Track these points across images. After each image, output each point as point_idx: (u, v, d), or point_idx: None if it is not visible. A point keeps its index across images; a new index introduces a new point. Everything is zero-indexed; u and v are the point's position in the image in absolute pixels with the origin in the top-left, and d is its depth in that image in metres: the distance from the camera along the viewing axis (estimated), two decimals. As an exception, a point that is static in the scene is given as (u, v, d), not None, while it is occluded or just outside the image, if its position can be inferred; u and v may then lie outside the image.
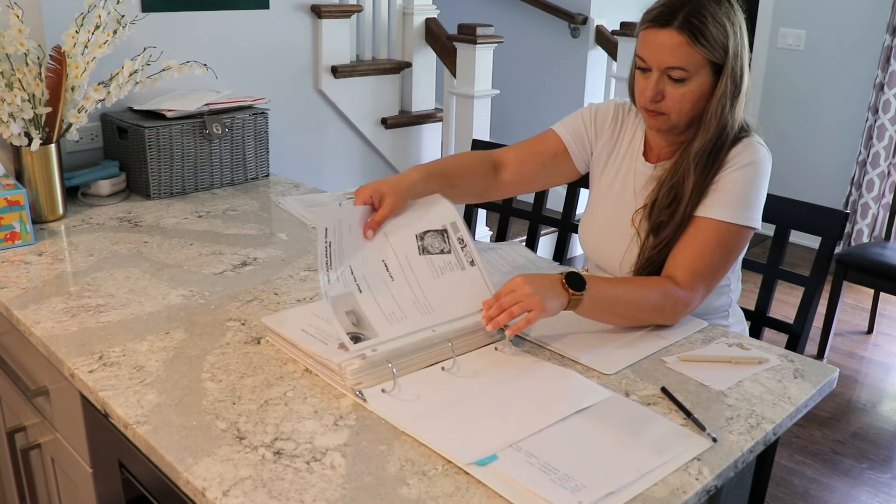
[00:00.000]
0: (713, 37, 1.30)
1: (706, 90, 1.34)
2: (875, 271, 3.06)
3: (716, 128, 1.35)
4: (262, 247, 1.71)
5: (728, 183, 1.35)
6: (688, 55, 1.30)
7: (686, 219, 1.37)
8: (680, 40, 1.29)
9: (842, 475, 2.48)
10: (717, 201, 1.35)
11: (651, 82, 1.34)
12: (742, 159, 1.36)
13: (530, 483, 0.92)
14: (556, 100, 4.45)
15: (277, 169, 2.38)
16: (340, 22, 2.80)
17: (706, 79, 1.33)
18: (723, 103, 1.33)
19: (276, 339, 1.26)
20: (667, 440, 1.02)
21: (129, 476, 1.15)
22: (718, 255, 1.35)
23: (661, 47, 1.31)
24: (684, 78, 1.32)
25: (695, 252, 1.34)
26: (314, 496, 0.90)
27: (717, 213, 1.35)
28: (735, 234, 1.35)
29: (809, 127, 4.39)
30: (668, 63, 1.31)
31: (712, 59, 1.31)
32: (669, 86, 1.33)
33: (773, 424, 1.08)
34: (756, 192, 1.37)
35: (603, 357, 1.24)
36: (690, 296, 1.33)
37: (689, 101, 1.34)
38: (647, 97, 1.35)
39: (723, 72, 1.32)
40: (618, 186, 1.51)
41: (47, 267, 1.56)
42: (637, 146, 1.50)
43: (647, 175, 1.46)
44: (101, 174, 2.01)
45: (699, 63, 1.31)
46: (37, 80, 1.73)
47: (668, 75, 1.32)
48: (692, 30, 1.29)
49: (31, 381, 1.44)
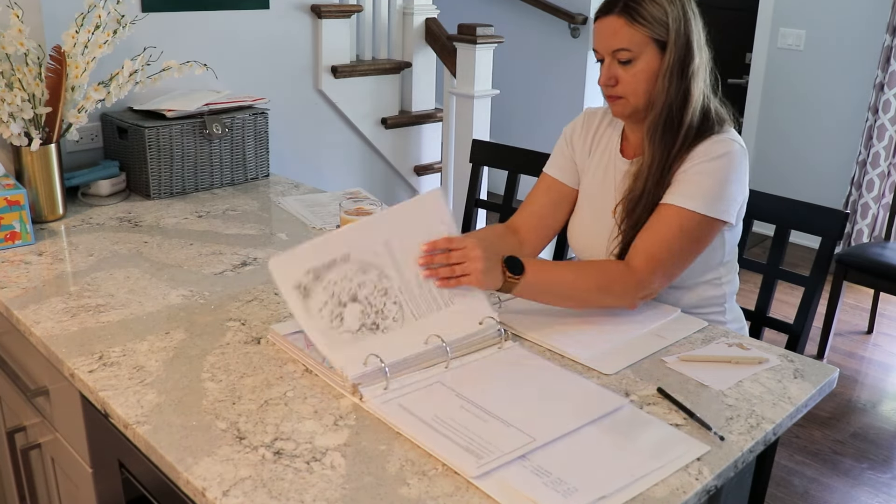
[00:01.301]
0: (651, 15, 1.37)
1: (654, 68, 1.39)
2: (875, 271, 3.06)
3: (664, 101, 1.39)
4: (262, 247, 1.71)
5: (696, 174, 1.38)
6: (629, 35, 1.38)
7: (647, 195, 1.41)
8: (620, 23, 1.38)
9: (842, 475, 2.48)
10: (683, 190, 1.38)
11: (605, 68, 1.42)
12: (713, 151, 1.39)
13: (522, 486, 0.91)
14: (556, 100, 4.45)
15: (277, 169, 2.38)
16: (340, 22, 2.80)
17: (653, 56, 1.39)
18: (667, 77, 1.39)
19: (276, 338, 1.26)
20: (664, 444, 1.01)
21: (129, 476, 1.15)
22: (678, 243, 1.37)
23: (605, 33, 1.40)
24: (630, 59, 1.39)
25: (654, 236, 1.38)
26: (314, 496, 0.90)
27: (681, 200, 1.38)
28: (699, 224, 1.37)
29: (809, 127, 4.39)
30: (613, 46, 1.39)
31: (655, 37, 1.38)
32: (620, 69, 1.40)
33: (773, 424, 1.08)
34: (726, 185, 1.39)
35: (603, 357, 1.24)
36: (644, 277, 1.35)
37: (642, 81, 1.40)
38: (602, 82, 1.43)
39: (666, 47, 1.38)
40: (599, 185, 1.55)
41: (47, 267, 1.56)
42: (614, 144, 1.54)
43: (625, 170, 1.50)
44: (101, 174, 2.01)
45: (641, 42, 1.38)
46: (37, 80, 1.73)
47: (617, 59, 1.40)
48: (629, 11, 1.38)
49: (31, 381, 1.44)
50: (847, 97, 4.24)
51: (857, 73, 4.19)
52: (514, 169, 2.03)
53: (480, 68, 3.14)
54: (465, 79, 3.16)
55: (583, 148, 1.59)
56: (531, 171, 1.99)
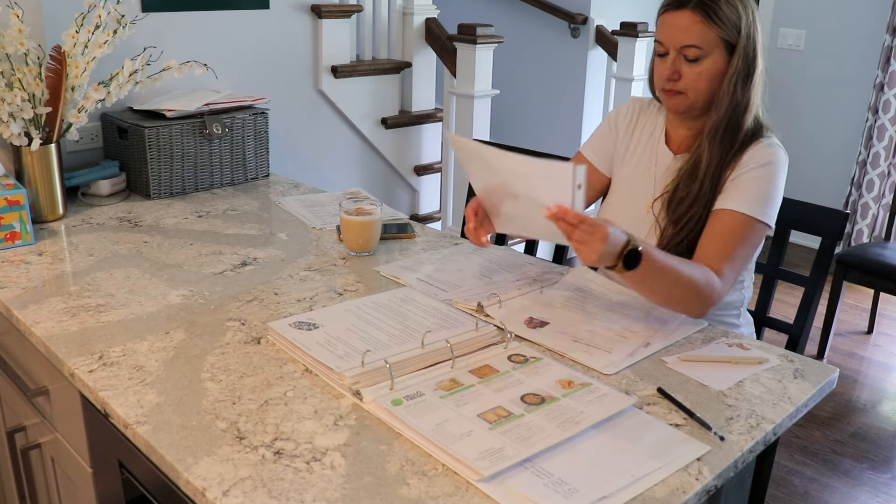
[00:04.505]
0: (726, 16, 1.37)
1: (720, 69, 1.39)
2: (875, 271, 3.06)
3: (728, 105, 1.40)
4: (262, 247, 1.71)
5: (747, 180, 1.39)
6: (702, 33, 1.37)
7: (703, 198, 1.40)
8: (695, 19, 1.37)
9: (842, 475, 2.48)
10: (738, 196, 1.39)
11: (668, 62, 1.41)
12: (762, 158, 1.40)
13: (523, 487, 0.91)
14: (556, 100, 4.44)
15: (277, 169, 2.38)
16: (340, 22, 2.80)
17: (720, 57, 1.39)
18: (734, 81, 1.39)
19: (277, 338, 1.26)
20: (664, 444, 1.01)
21: (129, 476, 1.15)
22: (741, 247, 1.38)
23: (677, 27, 1.39)
24: (699, 57, 1.38)
25: (722, 242, 1.37)
26: (314, 496, 0.90)
27: (739, 205, 1.38)
28: (754, 228, 1.39)
29: (809, 127, 4.39)
30: (684, 42, 1.38)
31: (726, 38, 1.38)
32: (685, 65, 1.40)
33: (773, 424, 1.08)
34: (774, 191, 1.40)
35: (603, 357, 1.24)
36: (724, 285, 1.36)
37: (706, 80, 1.39)
38: (664, 76, 1.42)
39: (735, 51, 1.38)
40: (638, 173, 1.55)
41: (47, 267, 1.56)
42: (658, 135, 1.54)
43: (668, 164, 1.49)
44: (101, 174, 2.01)
45: (713, 41, 1.37)
46: (37, 80, 1.73)
47: (683, 55, 1.39)
48: (706, 9, 1.37)
49: (31, 381, 1.44)
50: (847, 97, 4.24)
51: (857, 73, 4.19)
52: (514, 169, 2.03)
53: (480, 68, 3.14)
54: (465, 79, 3.16)
55: (626, 134, 1.59)
56: (531, 171, 1.99)
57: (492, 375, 1.16)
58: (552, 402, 1.09)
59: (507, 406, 1.07)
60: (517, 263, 1.63)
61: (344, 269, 1.59)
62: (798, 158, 4.39)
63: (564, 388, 1.13)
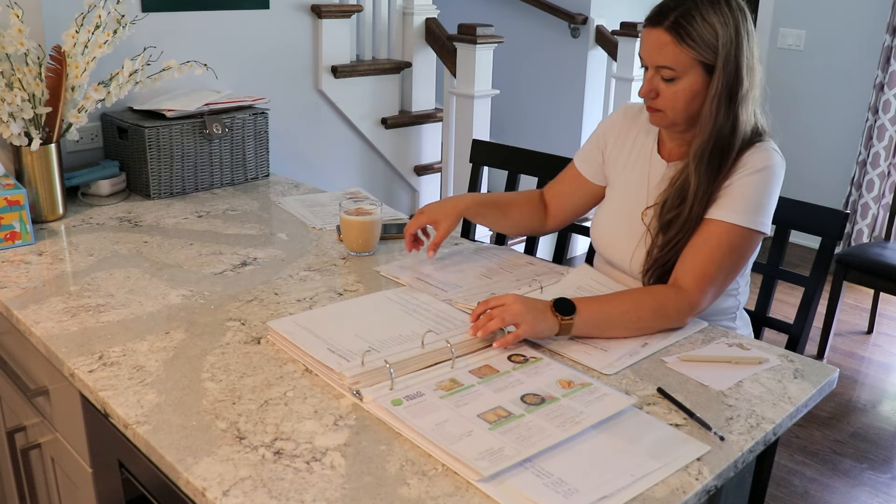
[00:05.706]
0: (700, 37, 1.31)
1: (698, 89, 1.35)
2: (875, 271, 3.06)
3: (712, 128, 1.35)
4: (262, 247, 1.71)
5: (740, 187, 1.36)
6: (674, 54, 1.33)
7: (692, 220, 1.38)
8: (666, 40, 1.33)
9: (842, 475, 2.48)
10: (729, 204, 1.36)
11: (646, 79, 1.39)
12: (755, 163, 1.37)
13: (523, 487, 0.91)
14: (556, 100, 4.45)
15: (277, 169, 2.38)
16: (340, 22, 2.80)
17: (698, 78, 1.34)
18: (715, 103, 1.34)
19: (277, 337, 1.26)
20: (664, 444, 1.01)
21: (129, 476, 1.15)
22: (728, 259, 1.35)
23: (652, 46, 1.35)
24: (673, 77, 1.35)
25: (704, 255, 1.35)
26: (314, 496, 0.90)
27: (727, 215, 1.35)
28: (745, 238, 1.36)
29: (809, 127, 4.39)
30: (657, 62, 1.35)
31: (702, 60, 1.33)
32: (662, 84, 1.37)
33: (773, 424, 1.08)
34: (768, 198, 1.37)
35: (603, 357, 1.24)
36: (697, 297, 1.33)
37: (682, 100, 1.36)
38: (642, 94, 1.40)
39: (713, 72, 1.34)
40: (632, 182, 1.53)
41: (47, 267, 1.56)
42: (651, 143, 1.52)
43: (662, 172, 1.48)
44: (101, 174, 2.01)
45: (687, 63, 1.33)
46: (37, 80, 1.73)
47: (660, 74, 1.36)
48: (678, 30, 1.32)
49: (31, 381, 1.44)
50: (847, 97, 4.25)
51: (857, 73, 4.19)
52: (514, 169, 2.03)
53: (480, 68, 3.14)
54: (465, 79, 3.16)
55: (616, 145, 1.57)
56: (531, 171, 2.00)
57: (492, 375, 1.16)
58: (552, 402, 1.09)
59: (507, 406, 1.07)
60: (517, 263, 1.63)
61: (344, 269, 1.59)
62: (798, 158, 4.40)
63: (564, 388, 1.13)
